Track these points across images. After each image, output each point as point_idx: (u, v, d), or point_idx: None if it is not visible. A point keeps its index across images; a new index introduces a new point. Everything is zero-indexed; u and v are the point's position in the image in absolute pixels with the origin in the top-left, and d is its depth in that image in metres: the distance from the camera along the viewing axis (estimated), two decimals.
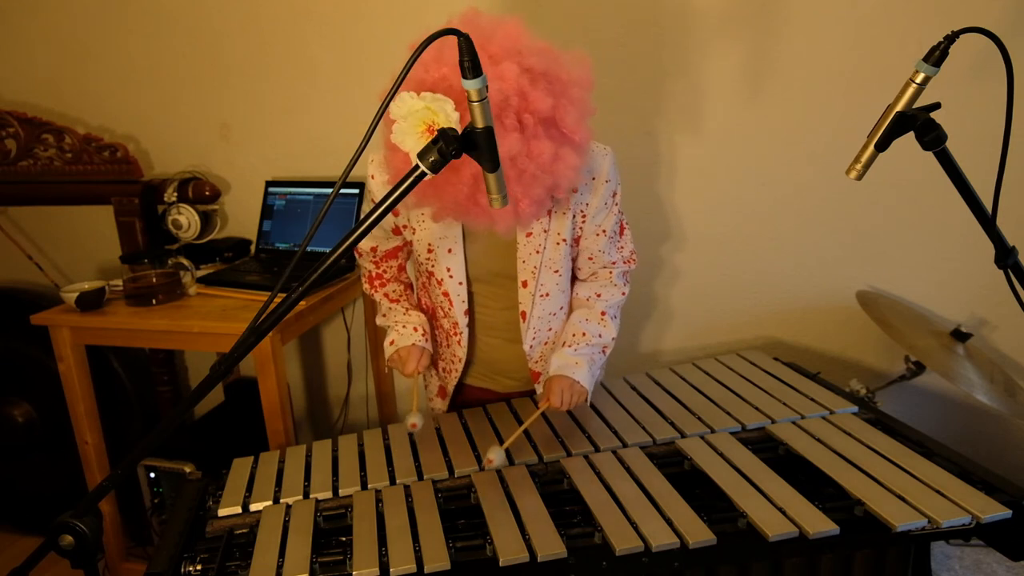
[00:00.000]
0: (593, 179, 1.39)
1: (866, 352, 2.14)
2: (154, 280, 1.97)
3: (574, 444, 1.44)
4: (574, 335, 1.50)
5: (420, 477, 1.38)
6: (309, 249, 2.09)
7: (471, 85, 0.95)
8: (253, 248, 2.28)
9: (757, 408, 1.55)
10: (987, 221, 1.15)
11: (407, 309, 1.59)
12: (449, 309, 1.51)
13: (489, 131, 1.00)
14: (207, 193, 2.21)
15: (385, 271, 1.62)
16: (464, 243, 1.44)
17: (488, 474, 1.36)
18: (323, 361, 2.50)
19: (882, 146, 1.13)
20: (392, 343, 1.55)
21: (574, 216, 1.42)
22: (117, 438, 2.20)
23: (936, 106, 1.11)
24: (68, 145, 2.24)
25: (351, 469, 1.43)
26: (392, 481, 1.37)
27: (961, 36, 1.03)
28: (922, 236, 2.01)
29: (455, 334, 1.55)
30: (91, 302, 1.89)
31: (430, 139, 0.99)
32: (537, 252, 1.42)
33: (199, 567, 1.20)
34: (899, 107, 1.10)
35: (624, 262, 1.55)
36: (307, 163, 2.28)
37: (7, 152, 2.27)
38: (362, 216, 1.05)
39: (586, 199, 1.41)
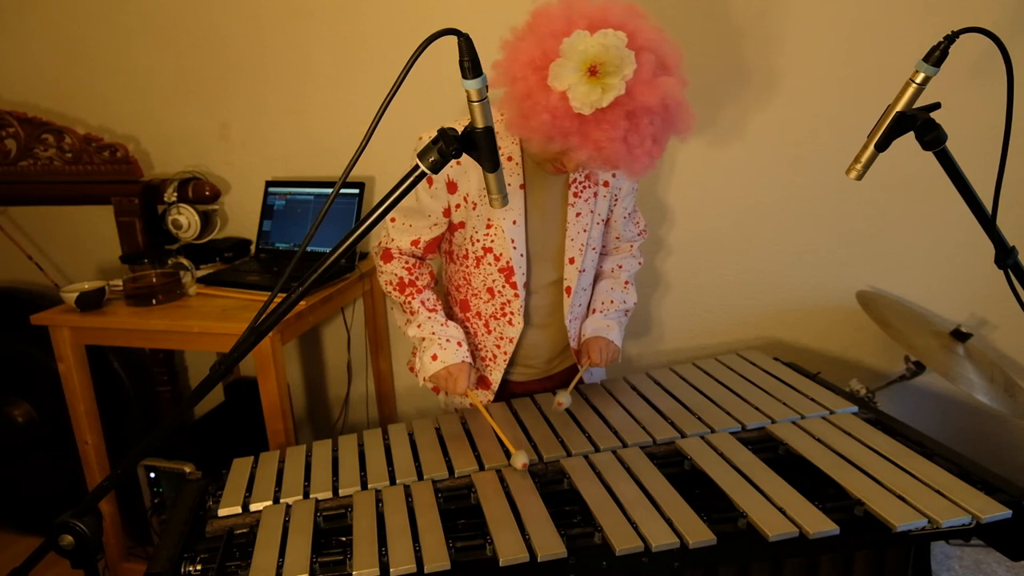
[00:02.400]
0: None
1: (866, 352, 2.14)
2: (154, 280, 1.97)
3: (574, 444, 1.44)
4: (603, 302, 1.68)
5: (420, 477, 1.38)
6: (309, 249, 2.09)
7: (471, 85, 0.95)
8: (253, 248, 2.28)
9: (757, 408, 1.55)
10: (987, 221, 1.15)
11: (444, 321, 1.56)
12: (504, 286, 1.52)
13: (489, 131, 1.00)
14: (207, 193, 2.21)
15: (418, 278, 1.57)
16: (526, 215, 1.49)
17: (488, 474, 1.37)
18: (323, 361, 2.50)
19: (882, 146, 1.13)
20: (436, 358, 1.51)
21: (610, 199, 1.57)
22: (117, 438, 2.20)
23: (936, 106, 1.11)
24: (68, 145, 2.24)
25: (351, 469, 1.43)
26: (392, 481, 1.37)
27: (961, 36, 1.04)
28: (922, 236, 2.01)
29: (503, 315, 1.56)
30: (91, 302, 1.89)
31: (590, 80, 1.12)
32: (584, 231, 1.53)
33: (199, 567, 1.20)
34: (899, 107, 1.10)
35: (639, 235, 1.74)
36: (307, 163, 2.28)
37: (7, 152, 2.27)
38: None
39: (620, 184, 1.57)
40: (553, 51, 1.17)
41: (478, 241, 1.50)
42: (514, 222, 1.48)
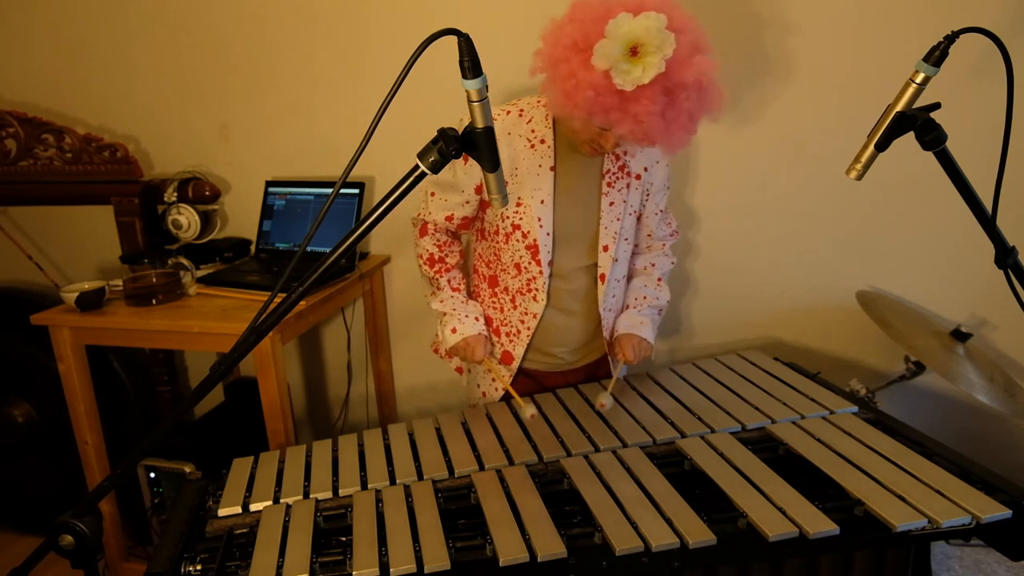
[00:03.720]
0: (657, 162, 1.60)
1: (866, 352, 2.14)
2: (154, 280, 1.97)
3: (574, 444, 1.44)
4: (636, 299, 1.72)
5: (420, 477, 1.38)
6: (309, 249, 2.09)
7: (471, 85, 0.95)
8: (253, 248, 2.28)
9: (757, 408, 1.55)
10: (987, 221, 1.15)
11: (465, 299, 1.69)
12: (530, 263, 1.57)
13: (489, 131, 1.00)
14: (207, 193, 2.21)
15: (447, 256, 1.68)
16: (554, 196, 1.54)
17: (488, 474, 1.37)
18: (323, 361, 2.50)
19: (882, 146, 1.13)
20: (455, 331, 1.63)
21: (642, 194, 1.61)
22: (117, 438, 2.20)
23: (936, 106, 1.11)
24: (68, 145, 2.24)
25: (351, 469, 1.43)
26: (392, 481, 1.38)
27: (961, 36, 1.04)
28: (922, 236, 2.01)
29: (528, 291, 1.60)
30: (91, 302, 1.89)
31: (632, 59, 1.18)
32: (618, 219, 1.58)
33: (199, 567, 1.20)
34: (899, 107, 1.10)
35: (671, 235, 1.79)
36: (307, 163, 2.28)
37: (7, 152, 2.27)
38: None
39: (651, 179, 1.61)
40: (595, 33, 1.23)
41: (508, 218, 1.56)
42: (542, 201, 1.53)
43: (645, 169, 1.59)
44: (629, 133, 1.30)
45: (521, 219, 1.54)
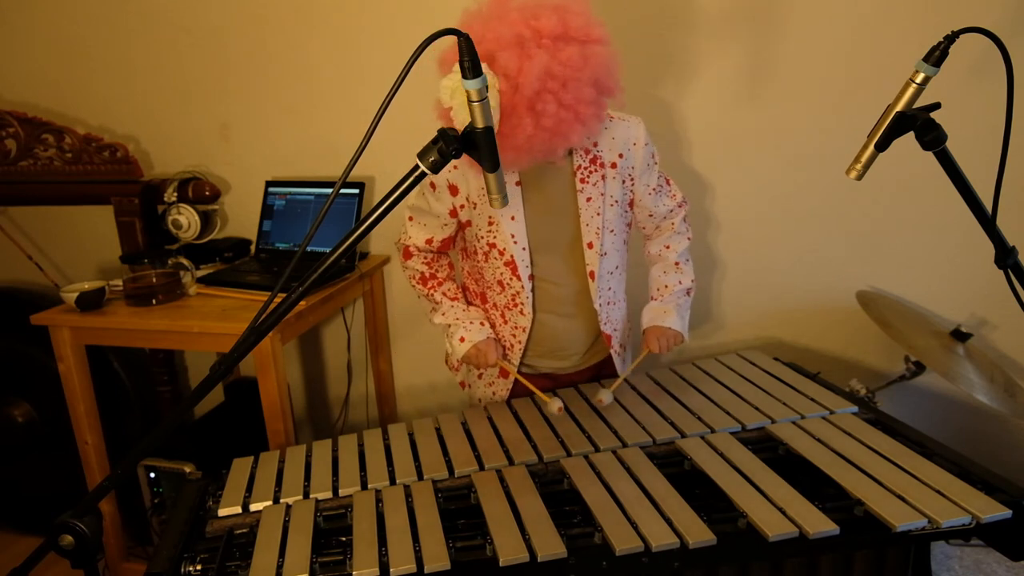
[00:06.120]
0: (634, 144, 1.54)
1: (866, 352, 2.14)
2: (154, 280, 1.97)
3: (574, 444, 1.44)
4: (658, 289, 1.70)
5: (420, 477, 1.38)
6: (309, 249, 2.09)
7: (471, 85, 0.95)
8: (253, 248, 2.28)
9: (757, 408, 1.55)
10: (987, 221, 1.15)
11: (466, 307, 1.67)
12: (511, 279, 1.56)
13: (489, 131, 1.00)
14: (207, 193, 2.21)
15: (438, 271, 1.68)
16: (524, 209, 1.53)
17: (488, 474, 1.37)
18: (323, 361, 2.50)
19: (882, 146, 1.13)
20: (464, 340, 1.61)
21: (623, 181, 1.56)
22: (117, 438, 2.20)
23: (936, 106, 1.11)
24: (68, 145, 2.24)
25: (351, 469, 1.43)
26: (392, 481, 1.38)
27: (961, 36, 1.04)
28: (922, 236, 2.01)
29: (514, 305, 1.60)
30: (91, 302, 1.89)
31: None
32: (598, 214, 1.54)
33: (199, 567, 1.20)
34: (899, 107, 1.10)
35: (679, 206, 1.70)
36: (307, 163, 2.28)
37: (7, 152, 2.27)
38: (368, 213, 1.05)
39: (631, 163, 1.56)
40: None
41: (483, 238, 1.56)
42: (512, 218, 1.52)
43: (620, 156, 1.53)
44: (536, 158, 1.33)
45: (495, 238, 1.54)
